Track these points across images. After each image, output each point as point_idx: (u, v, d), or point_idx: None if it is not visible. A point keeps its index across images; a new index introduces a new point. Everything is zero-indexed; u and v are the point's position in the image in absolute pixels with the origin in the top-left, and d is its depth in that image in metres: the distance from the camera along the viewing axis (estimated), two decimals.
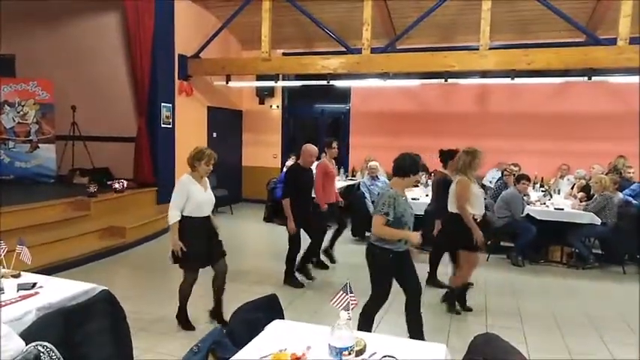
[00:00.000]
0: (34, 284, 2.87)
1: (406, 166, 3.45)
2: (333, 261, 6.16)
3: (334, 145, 5.91)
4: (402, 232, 3.41)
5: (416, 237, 3.39)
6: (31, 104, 8.21)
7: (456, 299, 4.71)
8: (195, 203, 3.91)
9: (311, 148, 5.25)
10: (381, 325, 4.13)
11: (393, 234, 3.39)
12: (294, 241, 5.31)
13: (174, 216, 3.89)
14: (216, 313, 4.19)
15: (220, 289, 4.17)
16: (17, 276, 3.01)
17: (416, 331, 3.60)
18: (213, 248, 4.10)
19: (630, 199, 6.66)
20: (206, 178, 4.10)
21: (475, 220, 4.47)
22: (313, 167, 5.70)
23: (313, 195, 5.62)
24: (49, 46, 9.06)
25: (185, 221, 3.91)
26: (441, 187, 4.97)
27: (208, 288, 4.17)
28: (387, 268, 3.49)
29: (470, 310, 4.71)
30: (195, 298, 4.16)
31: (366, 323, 3.51)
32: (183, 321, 4.13)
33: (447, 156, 5.10)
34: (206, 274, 4.13)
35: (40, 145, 8.31)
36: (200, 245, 3.96)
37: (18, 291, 2.77)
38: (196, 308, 4.25)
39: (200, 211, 3.95)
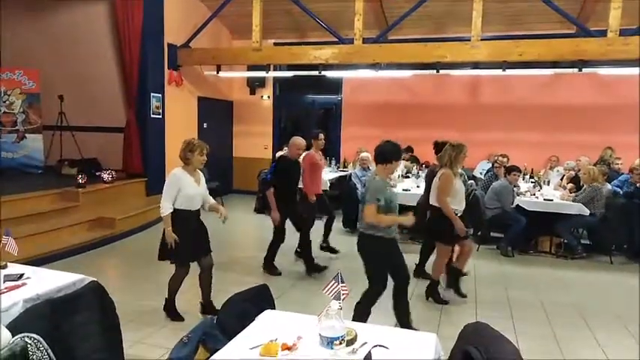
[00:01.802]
0: (21, 275, 2.84)
1: (388, 152, 3.53)
2: (334, 251, 6.16)
3: (321, 136, 6.03)
4: (397, 218, 3.54)
5: (409, 220, 3.53)
6: (17, 94, 8.06)
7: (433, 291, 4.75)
8: (186, 197, 3.88)
9: (299, 140, 5.32)
10: (371, 316, 4.15)
11: (388, 220, 3.48)
12: (279, 232, 5.37)
13: (166, 208, 3.86)
14: (208, 308, 4.15)
15: (208, 284, 4.15)
16: (4, 267, 2.96)
17: (403, 319, 3.66)
18: (202, 242, 4.09)
19: (618, 190, 6.74)
20: (200, 173, 4.06)
21: (455, 214, 4.51)
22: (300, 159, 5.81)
23: (300, 186, 5.69)
24: (35, 35, 8.89)
25: (174, 214, 3.88)
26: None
27: (196, 278, 4.15)
28: (382, 255, 3.56)
29: (464, 296, 4.77)
30: (184, 288, 4.14)
31: (362, 315, 3.54)
32: (172, 313, 4.11)
33: (441, 147, 5.09)
34: (195, 265, 4.11)
35: (27, 135, 8.17)
36: (189, 238, 3.93)
37: (4, 282, 2.73)
38: (185, 299, 4.24)
39: (190, 204, 3.93)
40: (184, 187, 3.86)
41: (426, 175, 5.76)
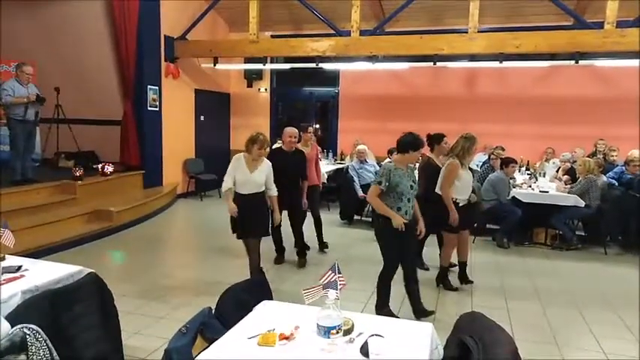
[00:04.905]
0: (20, 267, 2.85)
1: (405, 143, 3.78)
2: (327, 246, 6.11)
3: (310, 129, 5.99)
4: (388, 211, 3.71)
5: (399, 221, 3.67)
6: None
7: (442, 278, 4.88)
8: (237, 181, 4.35)
9: (289, 129, 5.39)
10: (369, 306, 4.18)
11: (380, 208, 3.74)
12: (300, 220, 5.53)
13: (226, 184, 4.35)
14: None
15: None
16: (2, 259, 2.97)
17: (416, 306, 3.93)
18: (258, 224, 4.43)
19: (614, 181, 6.77)
20: (264, 160, 4.46)
21: (457, 204, 4.59)
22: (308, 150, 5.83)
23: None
24: (30, 27, 8.82)
25: (234, 195, 4.34)
26: (428, 171, 4.99)
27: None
28: (389, 235, 3.75)
29: (455, 289, 4.83)
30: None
31: (384, 291, 3.88)
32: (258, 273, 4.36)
33: (434, 140, 5.11)
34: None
35: None
36: (241, 217, 4.30)
37: (3, 274, 2.74)
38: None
39: (240, 188, 4.35)
40: (237, 171, 4.35)
41: (418, 167, 5.35)
